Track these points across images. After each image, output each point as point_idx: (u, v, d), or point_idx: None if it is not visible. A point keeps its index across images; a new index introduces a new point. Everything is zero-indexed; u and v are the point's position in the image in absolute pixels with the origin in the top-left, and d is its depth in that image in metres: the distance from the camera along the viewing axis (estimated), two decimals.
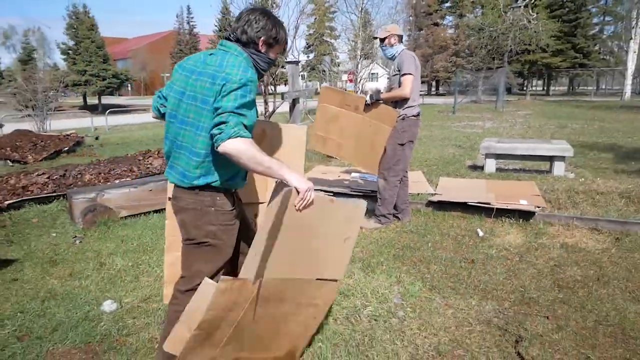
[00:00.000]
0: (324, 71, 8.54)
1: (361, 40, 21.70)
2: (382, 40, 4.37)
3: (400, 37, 4.35)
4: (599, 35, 37.30)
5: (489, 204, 4.54)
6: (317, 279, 2.16)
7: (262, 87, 11.10)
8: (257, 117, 1.95)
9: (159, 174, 5.85)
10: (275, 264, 1.92)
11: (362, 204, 2.13)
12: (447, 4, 43.92)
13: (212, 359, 1.98)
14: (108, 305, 2.96)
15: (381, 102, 4.13)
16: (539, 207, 4.50)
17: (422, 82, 49.14)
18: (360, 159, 4.45)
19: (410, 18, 44.09)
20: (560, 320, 2.75)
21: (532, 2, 25.37)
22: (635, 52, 20.80)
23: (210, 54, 1.98)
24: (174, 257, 2.35)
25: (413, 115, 4.22)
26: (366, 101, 4.09)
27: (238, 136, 1.74)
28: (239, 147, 1.74)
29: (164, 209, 5.05)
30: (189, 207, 1.97)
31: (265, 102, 10.99)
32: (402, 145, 4.23)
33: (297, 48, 14.83)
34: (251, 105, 1.86)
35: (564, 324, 2.70)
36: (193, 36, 60.46)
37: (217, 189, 1.97)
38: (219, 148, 1.76)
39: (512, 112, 19.96)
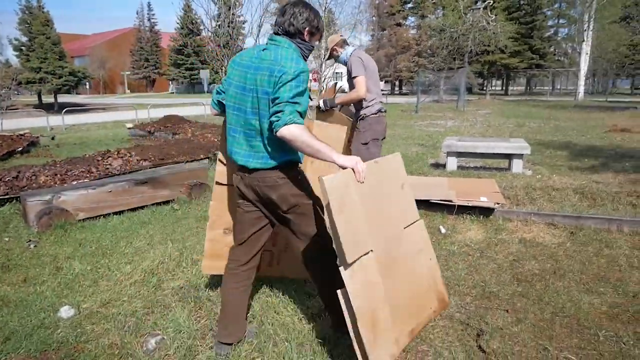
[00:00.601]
0: None
1: (325, 40, 21.70)
2: (331, 55, 4.40)
3: (343, 42, 4.30)
4: (554, 37, 38.78)
5: (450, 201, 4.63)
6: (405, 227, 2.54)
7: None
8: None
9: (118, 174, 5.69)
10: (371, 235, 2.21)
11: (398, 155, 2.66)
12: (409, 5, 44.60)
13: (395, 340, 2.27)
14: (65, 312, 2.84)
15: (335, 108, 4.12)
16: (498, 203, 4.63)
17: (386, 82, 49.85)
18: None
19: (374, 18, 44.56)
20: (520, 313, 2.83)
21: (490, 4, 26.11)
22: (587, 53, 21.75)
23: (263, 49, 2.21)
24: (216, 234, 2.80)
25: (372, 114, 4.19)
26: (319, 107, 4.09)
27: (293, 123, 1.97)
28: (294, 132, 1.97)
29: (125, 210, 4.95)
30: (279, 182, 2.23)
31: None
32: (366, 144, 4.24)
33: None
34: (304, 93, 2.09)
35: (523, 316, 2.79)
36: (154, 33, 59.11)
37: (297, 162, 2.31)
38: (277, 133, 2.00)
39: (472, 112, 20.49)
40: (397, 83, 50.37)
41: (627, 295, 3.09)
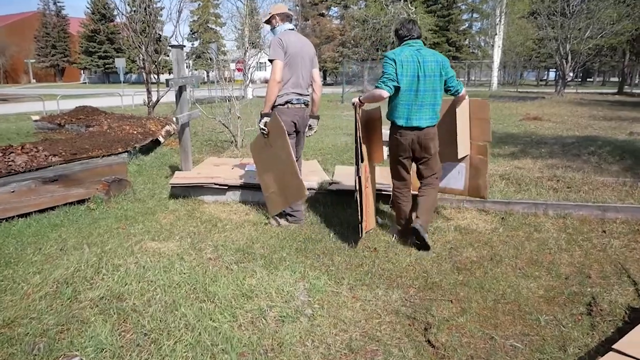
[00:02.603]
0: (211, 59, 8.11)
1: (248, 28, 21.19)
2: (269, 24, 4.14)
3: (284, 16, 4.05)
4: (468, 31, 40.73)
5: (385, 190, 4.57)
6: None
7: (144, 75, 10.26)
8: None
9: (23, 172, 5.05)
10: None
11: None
12: None
13: None
14: None
15: (270, 117, 3.89)
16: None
17: None
18: (291, 192, 3.92)
19: (297, 8, 44.28)
20: (463, 302, 2.79)
21: None
22: (499, 46, 23.06)
23: (417, 50, 3.52)
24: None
25: (280, 104, 3.91)
26: (261, 130, 3.92)
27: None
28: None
29: (32, 212, 4.38)
30: (434, 133, 3.64)
31: (148, 92, 10.17)
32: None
33: (180, 34, 13.95)
34: None
35: (467, 306, 2.75)
36: (62, 18, 54.68)
37: None
38: (461, 93, 3.81)
39: None
40: (321, 73, 50.58)
41: (560, 277, 3.18)
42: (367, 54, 30.56)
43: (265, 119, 3.90)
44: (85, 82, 52.29)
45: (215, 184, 4.66)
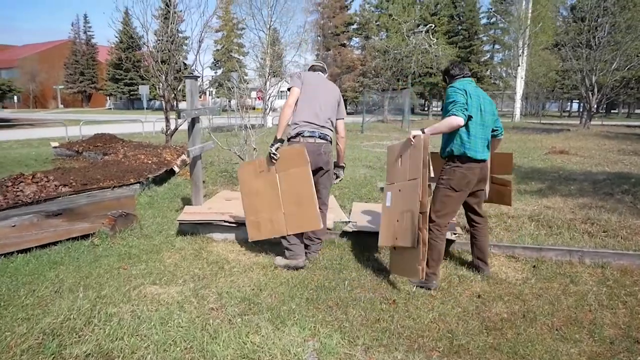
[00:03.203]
0: (231, 88, 8.06)
1: (269, 58, 21.40)
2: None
3: (310, 67, 4.23)
4: (490, 62, 40.59)
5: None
6: None
7: (164, 103, 10.24)
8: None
9: (30, 203, 4.89)
10: None
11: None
12: (354, 26, 45.36)
13: None
14: None
15: (283, 143, 3.83)
16: (455, 234, 4.31)
17: None
18: (295, 221, 3.79)
19: (319, 38, 44.90)
20: None
21: (432, 28, 26.85)
22: (522, 77, 22.77)
23: (475, 86, 3.59)
24: None
25: (291, 137, 3.86)
26: (271, 155, 3.77)
27: None
28: None
29: (33, 248, 4.19)
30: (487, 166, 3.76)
31: (167, 120, 10.13)
32: None
33: (201, 63, 14.01)
34: None
35: None
36: (91, 47, 56.58)
37: None
38: (501, 137, 3.93)
39: None
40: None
41: (604, 342, 2.80)
42: (387, 84, 30.51)
43: (278, 144, 3.78)
44: (111, 108, 53.51)
45: (225, 222, 4.41)
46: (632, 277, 3.83)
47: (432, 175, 3.86)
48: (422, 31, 26.13)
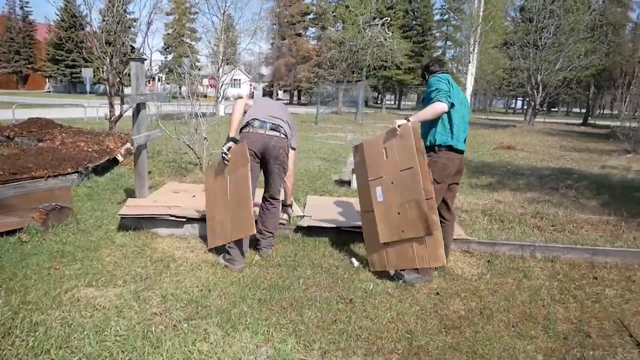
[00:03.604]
0: (182, 74, 7.66)
1: (223, 44, 20.80)
2: None
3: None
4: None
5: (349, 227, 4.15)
6: None
7: (108, 88, 9.64)
8: None
9: None
10: None
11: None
12: (310, 16, 45.01)
13: None
14: None
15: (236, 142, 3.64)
16: None
17: (285, 91, 49.77)
18: (236, 226, 3.57)
19: (274, 26, 44.24)
20: None
21: (388, 21, 27.00)
22: (472, 74, 23.35)
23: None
24: None
25: (242, 128, 3.74)
26: (222, 155, 3.62)
27: None
28: None
29: None
30: None
31: (111, 105, 9.55)
32: None
33: (149, 46, 13.39)
34: None
35: None
36: (28, 24, 52.95)
37: None
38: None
39: (371, 124, 20.85)
40: (296, 93, 50.49)
41: (559, 337, 2.81)
42: (342, 75, 30.49)
43: (230, 144, 3.58)
44: (50, 91, 50.37)
45: (172, 216, 4.11)
46: (580, 270, 3.92)
47: None
48: (378, 24, 26.23)
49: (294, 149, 4.07)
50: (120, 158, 7.12)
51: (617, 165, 9.86)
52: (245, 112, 3.81)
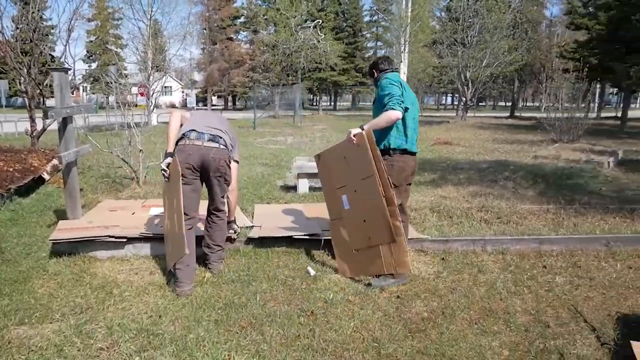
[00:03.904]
0: (110, 83, 7.21)
1: (152, 51, 20.03)
2: None
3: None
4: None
5: (317, 235, 4.04)
6: None
7: (27, 101, 8.91)
8: None
9: None
10: None
11: None
12: (241, 20, 44.46)
13: None
14: None
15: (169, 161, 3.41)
16: None
17: (219, 97, 48.80)
18: (171, 246, 3.42)
19: (204, 31, 43.28)
20: None
21: (320, 24, 27.17)
22: (404, 73, 23.98)
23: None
24: None
25: (177, 140, 3.48)
26: (162, 171, 3.42)
27: None
28: None
29: None
30: None
31: (32, 119, 8.83)
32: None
33: (71, 54, 12.56)
34: None
35: None
36: None
37: None
38: None
39: (309, 127, 20.86)
40: (230, 98, 49.70)
41: (520, 330, 2.85)
42: (277, 79, 30.36)
43: (169, 159, 3.37)
44: None
45: (111, 237, 3.79)
46: (530, 260, 4.04)
47: None
48: (310, 26, 26.32)
49: (237, 161, 3.88)
50: (46, 176, 6.57)
51: (547, 154, 10.40)
52: (182, 125, 3.57)
